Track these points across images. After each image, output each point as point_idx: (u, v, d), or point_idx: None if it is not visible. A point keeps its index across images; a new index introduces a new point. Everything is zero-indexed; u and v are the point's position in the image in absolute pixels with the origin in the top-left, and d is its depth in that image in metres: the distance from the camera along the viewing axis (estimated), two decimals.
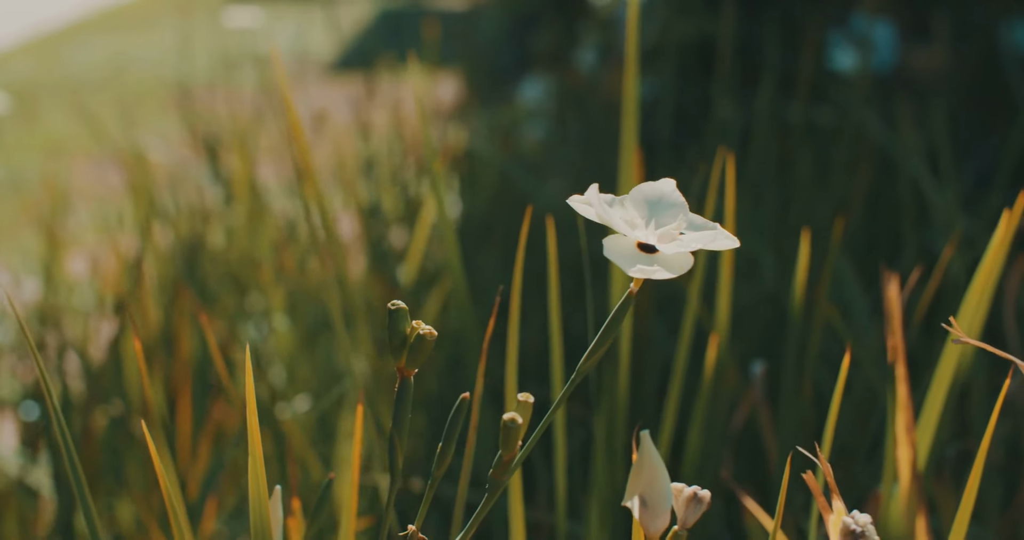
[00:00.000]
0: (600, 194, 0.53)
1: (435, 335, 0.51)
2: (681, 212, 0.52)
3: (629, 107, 0.82)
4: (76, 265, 1.90)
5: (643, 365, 1.02)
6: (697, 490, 0.48)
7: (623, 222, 0.50)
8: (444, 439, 0.50)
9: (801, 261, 0.80)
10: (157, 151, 1.97)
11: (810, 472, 0.55)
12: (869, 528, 0.47)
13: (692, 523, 0.48)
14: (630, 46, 0.83)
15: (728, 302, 0.81)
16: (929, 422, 0.75)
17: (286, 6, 4.33)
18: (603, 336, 0.52)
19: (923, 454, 0.76)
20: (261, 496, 0.56)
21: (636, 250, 0.50)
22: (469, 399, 0.49)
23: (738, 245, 0.51)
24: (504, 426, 0.48)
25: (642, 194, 0.52)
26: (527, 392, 0.52)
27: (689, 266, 0.49)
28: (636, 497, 0.47)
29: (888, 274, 0.75)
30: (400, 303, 0.52)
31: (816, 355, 0.85)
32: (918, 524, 0.75)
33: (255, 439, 0.54)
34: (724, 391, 0.97)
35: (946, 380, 0.74)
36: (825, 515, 0.55)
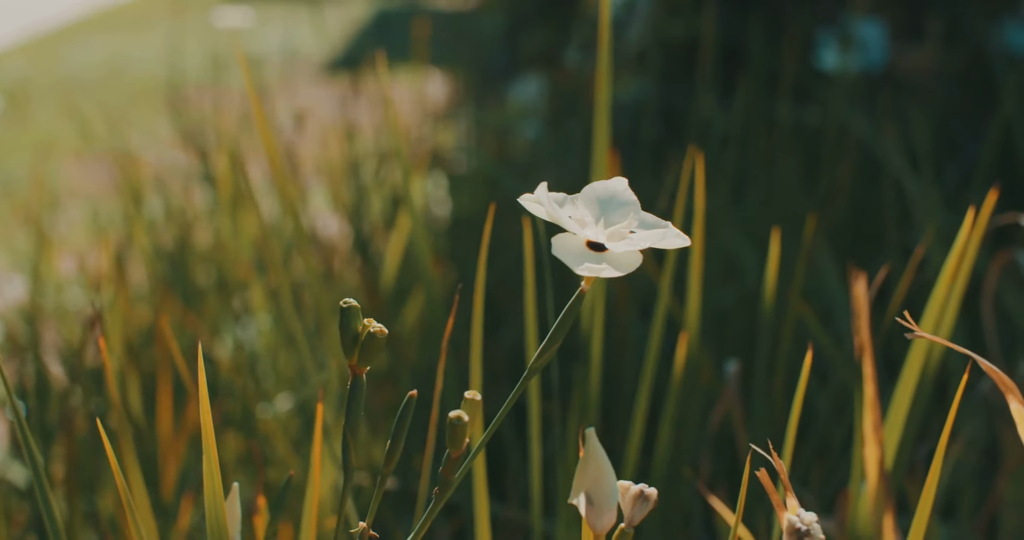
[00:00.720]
0: (552, 193, 0.53)
1: (385, 333, 0.51)
2: (632, 210, 0.52)
3: (601, 108, 0.83)
4: (67, 264, 1.90)
5: (620, 364, 1.02)
6: (643, 488, 0.48)
7: (572, 221, 0.50)
8: (392, 437, 0.50)
9: (772, 259, 0.80)
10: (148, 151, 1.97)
11: (764, 470, 0.55)
12: (815, 526, 0.47)
13: (639, 521, 0.48)
14: (602, 49, 0.83)
15: (698, 300, 0.81)
16: (896, 421, 0.75)
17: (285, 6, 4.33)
18: (554, 334, 0.52)
19: (890, 453, 0.76)
20: (216, 494, 0.56)
21: (585, 248, 0.50)
22: (416, 397, 0.49)
23: (688, 243, 0.51)
24: (450, 424, 0.48)
25: (594, 193, 0.53)
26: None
27: (637, 264, 0.50)
28: (582, 495, 0.48)
29: (855, 272, 0.75)
30: (352, 301, 0.52)
31: (788, 353, 0.85)
32: (886, 523, 0.75)
33: (209, 437, 0.54)
34: (700, 390, 0.97)
35: (913, 378, 0.74)
36: (780, 512, 0.55)
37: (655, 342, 0.80)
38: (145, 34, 3.83)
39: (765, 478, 0.55)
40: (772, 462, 0.80)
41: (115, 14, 4.46)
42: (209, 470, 0.55)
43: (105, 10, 4.55)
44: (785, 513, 0.56)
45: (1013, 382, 0.59)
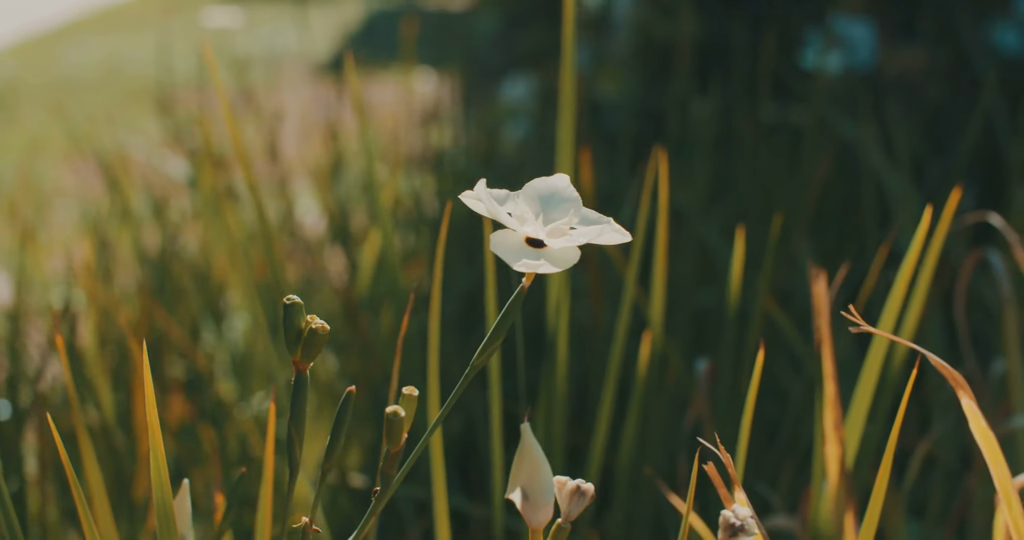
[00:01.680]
0: (495, 190, 0.53)
1: (327, 329, 0.52)
2: (573, 207, 0.52)
3: (566, 107, 0.83)
4: (55, 263, 1.91)
5: (591, 362, 1.02)
6: (580, 483, 0.48)
7: (512, 217, 0.51)
8: (333, 433, 0.50)
9: (736, 257, 0.80)
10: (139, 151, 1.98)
11: (711, 464, 0.55)
12: (749, 521, 0.47)
13: (575, 516, 0.48)
14: (566, 50, 0.83)
15: (662, 296, 0.81)
16: (858, 419, 0.75)
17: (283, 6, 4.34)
18: (495, 332, 0.52)
19: (851, 451, 0.76)
20: (164, 490, 0.56)
21: (524, 245, 0.50)
22: (354, 393, 0.49)
23: (629, 239, 0.51)
24: (386, 419, 0.48)
25: (535, 190, 0.53)
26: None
27: (575, 260, 0.50)
28: (518, 490, 0.48)
29: (815, 270, 0.75)
30: (295, 298, 0.52)
31: (755, 350, 0.86)
32: (847, 521, 0.75)
33: (155, 434, 0.54)
34: (669, 389, 0.97)
35: (873, 376, 0.74)
36: (728, 506, 0.55)
37: (620, 336, 0.80)
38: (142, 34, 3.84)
39: (713, 472, 0.55)
40: (736, 458, 0.80)
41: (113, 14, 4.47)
42: (156, 466, 0.55)
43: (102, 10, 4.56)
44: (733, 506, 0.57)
45: (961, 377, 0.60)
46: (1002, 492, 0.61)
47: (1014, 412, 0.92)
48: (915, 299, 0.79)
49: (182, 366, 1.28)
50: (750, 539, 0.47)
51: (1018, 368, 0.92)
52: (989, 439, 0.60)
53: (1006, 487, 0.61)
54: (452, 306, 1.38)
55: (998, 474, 0.61)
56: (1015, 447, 0.92)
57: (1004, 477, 0.61)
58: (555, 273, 0.83)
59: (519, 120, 2.07)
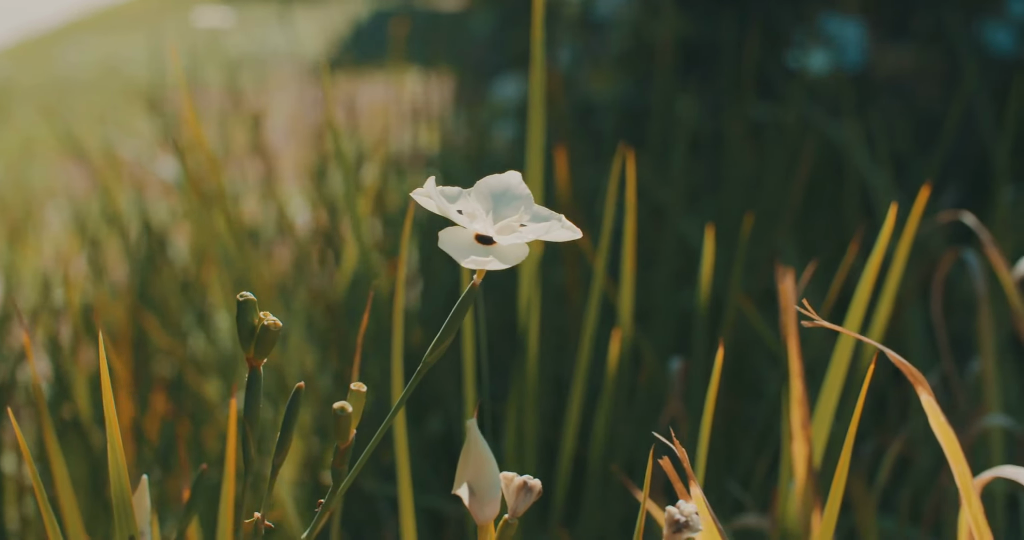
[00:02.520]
0: (447, 187, 0.53)
1: (279, 326, 0.52)
2: (524, 204, 0.52)
3: (535, 107, 0.83)
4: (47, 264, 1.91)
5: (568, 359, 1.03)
6: (527, 479, 0.48)
7: (462, 214, 0.51)
8: (283, 429, 0.51)
9: (706, 257, 0.80)
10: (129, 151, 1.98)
11: (666, 458, 0.55)
12: (693, 517, 0.47)
13: (522, 512, 0.48)
14: (535, 50, 0.83)
15: (631, 294, 0.81)
16: (825, 417, 0.75)
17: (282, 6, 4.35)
18: (447, 329, 0.52)
19: (819, 449, 0.76)
20: (123, 486, 0.56)
21: (474, 242, 0.50)
22: (303, 389, 0.50)
23: (578, 236, 0.51)
24: (334, 415, 0.48)
25: (487, 187, 0.53)
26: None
27: (523, 257, 0.50)
28: (465, 485, 0.48)
29: (782, 268, 0.75)
30: (248, 295, 0.53)
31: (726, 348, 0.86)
32: (813, 520, 0.75)
33: (113, 430, 0.55)
34: (646, 387, 0.97)
35: (840, 374, 0.74)
36: (684, 501, 0.56)
37: (588, 335, 0.80)
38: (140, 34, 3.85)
39: (668, 468, 0.55)
40: (696, 455, 0.80)
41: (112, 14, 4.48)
42: (114, 461, 0.55)
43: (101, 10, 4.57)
44: (690, 501, 0.57)
45: (921, 374, 0.60)
46: (963, 490, 0.61)
47: (989, 411, 0.92)
48: (885, 296, 0.79)
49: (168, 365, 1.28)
50: (695, 535, 0.47)
51: (992, 367, 0.92)
52: (949, 436, 0.60)
53: (966, 485, 0.61)
54: (438, 304, 1.38)
55: (959, 472, 0.61)
56: (990, 446, 0.92)
57: (964, 475, 0.61)
58: (527, 271, 0.83)
59: (509, 120, 2.07)
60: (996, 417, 0.90)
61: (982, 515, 0.61)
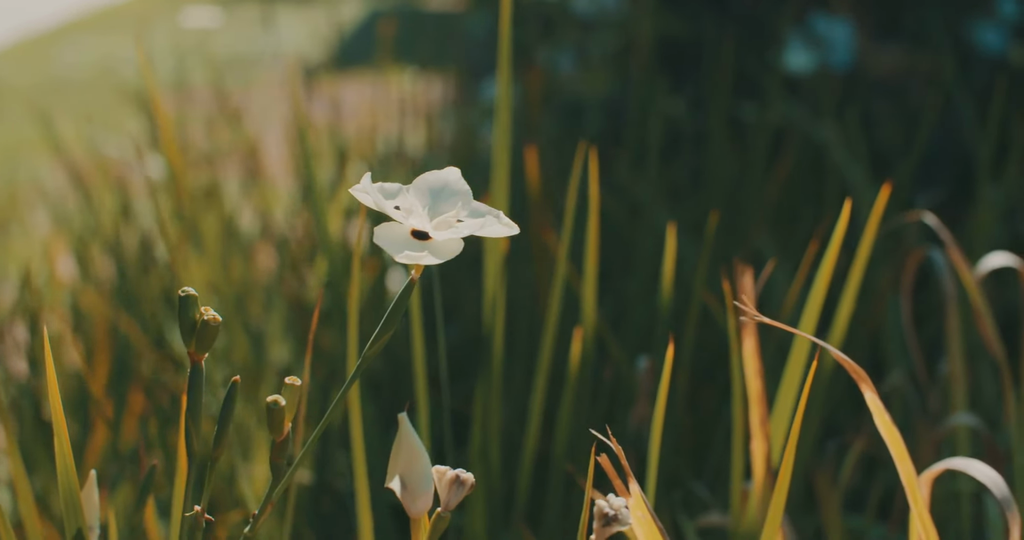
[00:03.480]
0: (387, 183, 0.54)
1: (219, 321, 0.52)
2: (462, 200, 0.52)
3: (502, 107, 0.83)
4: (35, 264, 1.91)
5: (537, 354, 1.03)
6: (460, 473, 0.49)
7: (399, 210, 0.51)
8: (219, 423, 0.51)
9: (668, 255, 0.80)
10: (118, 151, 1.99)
11: (605, 455, 0.55)
12: (623, 512, 0.47)
13: (454, 505, 0.49)
14: (502, 50, 0.83)
15: (593, 292, 0.81)
16: (783, 415, 0.75)
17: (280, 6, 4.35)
18: (385, 324, 0.53)
19: (777, 447, 0.76)
20: (71, 482, 0.57)
21: (409, 237, 0.51)
22: (239, 383, 0.50)
23: (515, 232, 0.51)
24: (267, 408, 0.49)
25: (426, 183, 0.53)
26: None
27: (457, 252, 0.50)
28: (397, 478, 0.48)
29: (740, 266, 0.75)
30: (190, 290, 0.53)
31: (692, 346, 0.86)
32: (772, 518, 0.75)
33: (60, 427, 0.55)
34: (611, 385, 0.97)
35: (798, 370, 0.74)
36: (624, 497, 0.56)
37: (550, 331, 0.80)
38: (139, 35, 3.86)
39: (607, 464, 0.56)
40: (650, 453, 0.80)
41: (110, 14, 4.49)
42: (62, 456, 0.56)
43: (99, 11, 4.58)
44: (630, 498, 0.57)
45: (864, 372, 0.60)
46: (907, 487, 0.61)
47: (957, 410, 0.92)
48: (847, 294, 0.79)
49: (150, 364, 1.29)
50: (624, 528, 0.47)
51: (960, 366, 0.92)
52: (893, 434, 0.61)
53: (911, 482, 0.61)
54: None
55: (903, 469, 0.61)
56: (956, 446, 0.92)
57: (909, 472, 0.61)
58: (492, 270, 0.83)
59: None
60: (963, 416, 0.90)
61: (927, 511, 0.62)
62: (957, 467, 0.65)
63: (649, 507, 0.56)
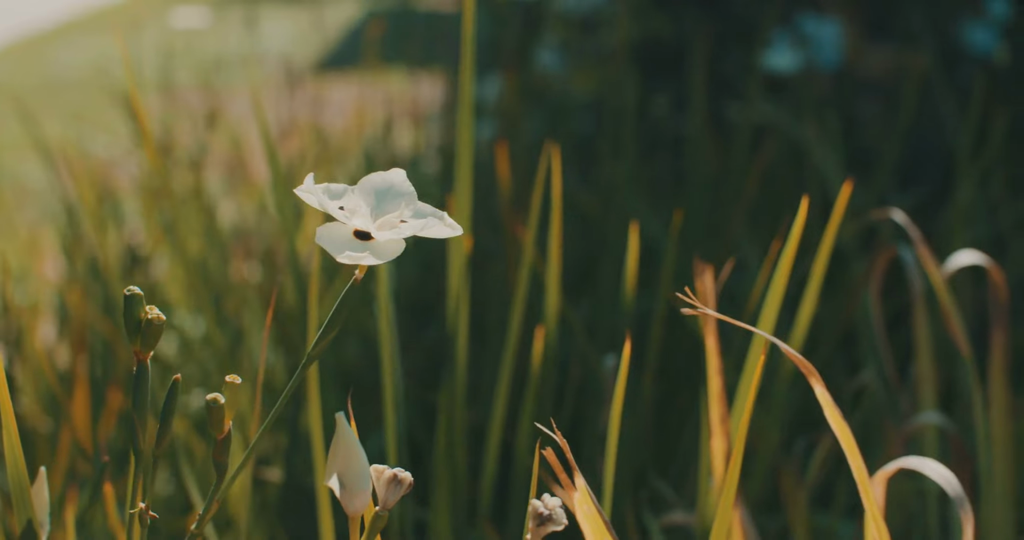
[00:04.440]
0: (333, 184, 0.54)
1: (163, 320, 0.53)
2: (406, 201, 0.53)
3: (465, 106, 0.83)
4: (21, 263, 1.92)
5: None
6: (398, 472, 0.49)
7: (343, 210, 0.51)
8: (161, 420, 0.51)
9: (631, 253, 0.81)
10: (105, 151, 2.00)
11: (550, 449, 0.55)
12: (558, 511, 0.48)
13: (392, 504, 0.49)
14: (465, 48, 0.84)
15: (557, 291, 0.81)
16: (742, 413, 0.75)
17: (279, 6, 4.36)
18: (330, 324, 0.53)
19: (738, 446, 0.76)
20: (21, 480, 0.57)
21: (351, 237, 0.51)
22: (179, 381, 0.50)
23: (458, 233, 0.52)
24: (207, 406, 0.49)
25: (371, 184, 0.54)
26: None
27: (399, 252, 0.50)
28: (335, 477, 0.49)
29: (701, 265, 0.75)
30: (135, 289, 0.53)
31: (660, 345, 0.86)
32: (733, 516, 0.76)
33: (8, 417, 0.55)
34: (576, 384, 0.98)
35: (756, 370, 0.74)
36: (569, 492, 0.56)
37: (514, 330, 0.81)
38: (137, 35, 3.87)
39: (551, 456, 0.56)
40: (607, 450, 0.81)
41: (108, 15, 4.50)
42: (12, 455, 0.56)
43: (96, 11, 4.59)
44: (575, 493, 0.57)
45: (812, 366, 0.60)
46: (859, 484, 0.61)
47: (924, 408, 0.93)
48: (810, 291, 0.80)
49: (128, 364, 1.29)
50: (559, 528, 0.48)
51: (928, 365, 0.92)
52: (844, 429, 0.61)
53: (863, 480, 0.61)
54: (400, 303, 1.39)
55: (855, 466, 0.61)
56: (923, 445, 0.92)
57: (860, 469, 0.61)
58: (456, 269, 0.84)
59: (488, 120, 2.08)
60: (930, 415, 0.90)
61: (877, 509, 0.62)
62: (912, 466, 0.66)
63: (595, 501, 0.56)
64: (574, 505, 0.57)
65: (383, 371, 0.79)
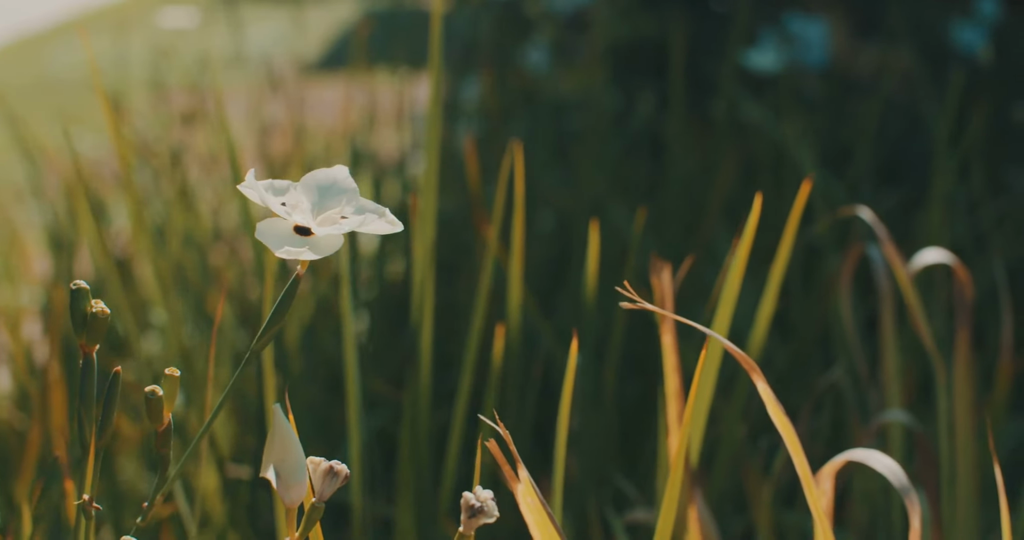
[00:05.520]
0: (277, 180, 0.55)
1: (107, 313, 0.53)
2: (347, 197, 0.53)
3: (434, 106, 0.84)
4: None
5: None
6: (334, 464, 0.50)
7: (283, 206, 0.52)
8: (103, 412, 0.52)
9: (592, 250, 0.81)
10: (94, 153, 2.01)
11: (493, 441, 0.56)
12: (489, 503, 0.48)
13: (328, 495, 0.49)
14: (433, 47, 0.84)
15: (519, 289, 0.82)
16: (700, 412, 0.76)
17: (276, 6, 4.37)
18: (272, 319, 0.54)
19: (696, 444, 0.77)
20: None
21: (292, 233, 0.52)
22: (120, 373, 0.51)
23: (397, 230, 0.52)
24: (145, 398, 0.50)
25: (314, 180, 0.54)
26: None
27: (337, 247, 0.51)
28: (271, 468, 0.49)
29: (658, 262, 0.76)
30: (81, 283, 0.54)
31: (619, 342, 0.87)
32: (690, 514, 0.76)
33: None
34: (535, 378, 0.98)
35: (713, 368, 0.75)
36: (513, 485, 0.57)
37: (477, 326, 0.81)
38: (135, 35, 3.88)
39: (495, 449, 0.57)
40: (556, 444, 0.81)
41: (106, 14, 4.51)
42: None
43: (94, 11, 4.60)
44: (519, 485, 0.58)
45: (753, 362, 0.60)
46: (803, 481, 0.62)
47: (891, 406, 0.93)
48: (771, 286, 0.80)
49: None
50: (491, 521, 0.48)
51: (893, 362, 0.92)
52: (785, 424, 0.61)
53: (805, 475, 0.62)
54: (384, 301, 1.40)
55: (798, 462, 0.62)
56: (889, 442, 0.92)
57: (803, 465, 0.62)
58: (420, 261, 0.84)
59: (472, 120, 2.08)
60: (895, 412, 0.90)
61: (819, 506, 0.62)
62: (858, 459, 0.66)
63: (539, 494, 0.57)
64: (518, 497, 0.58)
65: (346, 370, 0.80)
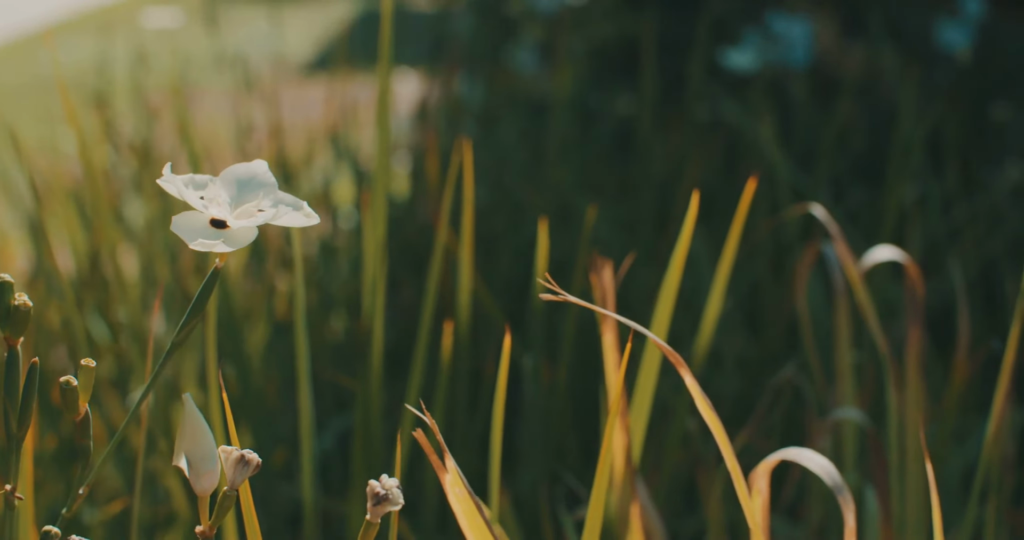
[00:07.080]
0: (198, 175, 0.55)
1: (30, 306, 0.54)
2: (265, 191, 0.54)
3: (384, 107, 0.84)
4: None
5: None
6: (246, 453, 0.50)
7: (200, 199, 0.53)
8: (21, 403, 0.53)
9: (541, 247, 0.82)
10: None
11: (420, 431, 0.57)
12: (394, 491, 0.49)
13: (239, 484, 0.50)
14: (383, 47, 0.85)
15: (469, 285, 0.82)
16: (642, 408, 0.76)
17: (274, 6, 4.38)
18: (192, 312, 0.54)
19: (637, 441, 0.77)
20: None
21: (207, 226, 0.52)
22: (38, 364, 0.52)
23: (313, 223, 0.53)
24: (60, 388, 0.50)
25: (233, 174, 0.55)
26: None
27: (251, 240, 0.52)
28: (183, 456, 0.50)
29: (600, 261, 0.76)
30: (5, 276, 0.55)
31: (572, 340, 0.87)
32: (632, 512, 0.77)
33: None
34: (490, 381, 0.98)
35: (654, 364, 0.75)
36: (441, 475, 0.57)
37: (426, 323, 0.82)
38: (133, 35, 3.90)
39: (423, 440, 0.57)
40: (492, 437, 0.81)
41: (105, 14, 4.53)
42: None
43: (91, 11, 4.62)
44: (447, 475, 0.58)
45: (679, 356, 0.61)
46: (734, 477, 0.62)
47: (843, 403, 0.93)
48: (717, 285, 0.80)
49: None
50: (396, 509, 0.49)
51: (846, 360, 0.93)
52: (714, 420, 0.62)
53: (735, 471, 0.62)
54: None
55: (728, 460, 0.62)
56: (842, 439, 0.93)
57: (732, 463, 0.62)
58: (370, 253, 0.85)
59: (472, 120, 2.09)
60: (848, 411, 0.91)
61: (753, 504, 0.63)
62: (791, 457, 0.66)
63: (466, 484, 0.57)
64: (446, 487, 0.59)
65: (298, 366, 0.80)
